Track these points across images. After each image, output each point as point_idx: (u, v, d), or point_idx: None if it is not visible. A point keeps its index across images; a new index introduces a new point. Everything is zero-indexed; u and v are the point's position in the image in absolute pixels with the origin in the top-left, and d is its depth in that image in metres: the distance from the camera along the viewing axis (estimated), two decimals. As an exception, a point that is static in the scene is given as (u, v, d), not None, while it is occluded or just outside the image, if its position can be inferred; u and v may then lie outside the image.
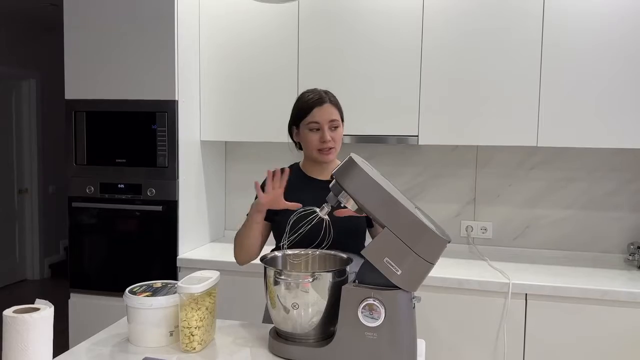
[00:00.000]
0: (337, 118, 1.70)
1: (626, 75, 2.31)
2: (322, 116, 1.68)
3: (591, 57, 2.33)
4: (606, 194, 2.65)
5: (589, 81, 2.34)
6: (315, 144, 1.69)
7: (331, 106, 1.70)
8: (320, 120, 1.68)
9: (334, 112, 1.70)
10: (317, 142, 1.68)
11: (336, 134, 1.70)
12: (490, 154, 2.76)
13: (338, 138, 1.71)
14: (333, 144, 1.69)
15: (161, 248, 2.56)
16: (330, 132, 1.69)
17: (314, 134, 1.69)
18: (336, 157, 1.76)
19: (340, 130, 1.72)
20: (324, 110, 1.68)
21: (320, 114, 1.68)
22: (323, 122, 1.68)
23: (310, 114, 1.68)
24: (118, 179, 2.59)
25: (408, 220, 1.29)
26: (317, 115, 1.68)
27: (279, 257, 1.53)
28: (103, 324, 1.64)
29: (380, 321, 1.28)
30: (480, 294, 2.23)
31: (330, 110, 1.69)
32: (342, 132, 1.75)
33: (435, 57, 2.47)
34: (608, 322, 2.14)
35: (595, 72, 2.33)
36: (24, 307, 1.08)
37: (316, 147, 1.69)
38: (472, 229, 2.79)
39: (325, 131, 1.67)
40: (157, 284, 1.54)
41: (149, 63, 2.52)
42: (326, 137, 1.67)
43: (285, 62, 2.63)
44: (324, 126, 1.68)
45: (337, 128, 1.71)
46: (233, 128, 2.72)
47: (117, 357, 1.36)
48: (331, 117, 1.69)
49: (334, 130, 1.70)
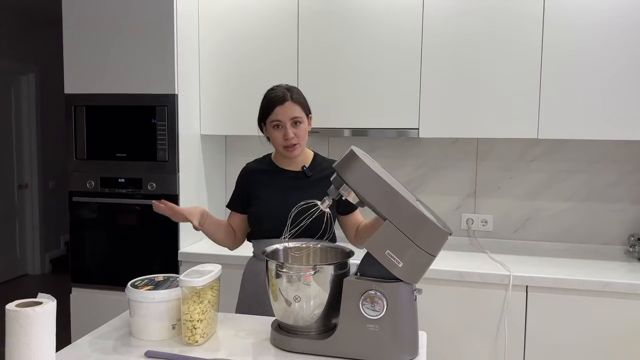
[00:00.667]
0: (299, 115, 1.76)
1: (627, 67, 2.30)
2: (284, 114, 1.74)
3: (592, 49, 2.32)
4: (607, 186, 2.65)
5: (590, 73, 2.33)
6: (279, 141, 1.77)
7: (293, 104, 1.76)
8: (282, 119, 1.74)
9: (296, 109, 1.76)
10: (280, 139, 1.76)
11: (299, 130, 1.76)
12: (490, 146, 2.76)
13: (301, 134, 1.78)
14: (297, 140, 1.76)
15: (162, 242, 2.57)
16: (293, 128, 1.75)
17: (278, 131, 1.76)
18: (304, 148, 1.84)
19: (304, 127, 1.79)
20: (286, 108, 1.74)
21: (283, 112, 1.74)
22: (285, 120, 1.74)
23: (272, 113, 1.75)
24: (118, 173, 2.58)
25: (409, 212, 1.29)
26: (279, 113, 1.74)
27: (281, 250, 1.53)
28: (105, 318, 1.64)
29: (382, 313, 1.29)
30: (481, 286, 2.24)
31: (293, 108, 1.75)
32: (308, 127, 1.83)
33: (436, 51, 2.47)
34: (608, 313, 2.14)
35: (596, 64, 2.32)
36: (26, 301, 1.09)
37: (281, 145, 1.77)
38: (472, 222, 2.79)
39: (288, 129, 1.74)
40: (158, 278, 1.55)
41: (148, 57, 2.51)
42: (288, 135, 1.74)
43: (285, 56, 2.62)
44: (286, 124, 1.74)
45: (300, 124, 1.77)
46: (233, 122, 2.72)
47: (120, 350, 1.36)
48: (293, 114, 1.75)
49: (297, 127, 1.76)
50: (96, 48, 2.56)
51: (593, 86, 2.33)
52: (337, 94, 2.58)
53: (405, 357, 1.31)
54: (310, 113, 1.85)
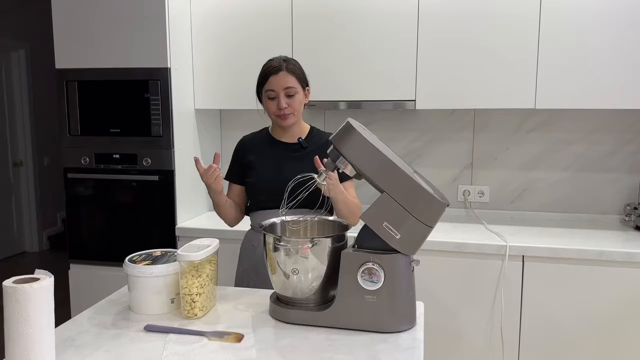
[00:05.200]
0: (293, 85, 1.78)
1: (625, 35, 2.27)
2: (278, 84, 1.76)
3: (590, 18, 2.29)
4: (603, 156, 2.65)
5: (588, 42, 2.30)
6: (272, 110, 1.80)
7: (287, 74, 1.77)
8: (276, 88, 1.77)
9: (290, 79, 1.77)
10: (274, 108, 1.79)
11: (293, 101, 1.78)
12: (487, 117, 2.74)
13: (296, 104, 1.79)
14: (290, 110, 1.78)
15: (159, 218, 2.56)
16: (286, 99, 1.77)
17: (272, 101, 1.79)
18: (300, 119, 1.85)
19: (298, 97, 1.80)
20: (280, 78, 1.76)
21: (276, 82, 1.76)
22: (278, 90, 1.77)
23: (267, 82, 1.78)
24: (113, 149, 2.56)
25: (407, 184, 1.29)
26: (273, 83, 1.77)
27: (278, 224, 1.53)
28: (104, 293, 1.65)
29: (380, 284, 1.29)
30: (477, 257, 2.25)
31: (286, 79, 1.77)
32: (304, 99, 1.83)
33: (432, 21, 2.43)
34: (604, 282, 2.16)
35: (594, 33, 2.29)
36: (23, 277, 1.08)
37: (274, 114, 1.80)
38: (469, 193, 2.79)
39: (281, 98, 1.77)
40: (156, 253, 1.55)
41: (139, 30, 2.46)
42: (281, 104, 1.76)
43: (279, 27, 2.58)
44: (280, 93, 1.77)
45: (294, 95, 1.78)
46: (227, 96, 2.69)
47: (119, 324, 1.37)
48: (286, 84, 1.77)
49: (291, 97, 1.78)
50: (86, 21, 2.51)
51: (591, 55, 2.31)
52: (333, 65, 2.54)
53: (402, 326, 1.33)
54: (307, 86, 1.85)
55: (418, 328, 1.35)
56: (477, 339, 2.30)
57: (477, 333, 2.29)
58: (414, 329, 1.34)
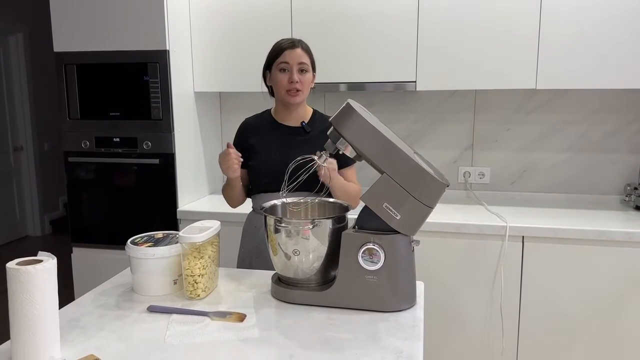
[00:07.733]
0: (306, 62, 1.80)
1: (626, 15, 2.25)
2: (292, 58, 1.78)
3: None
4: (604, 136, 2.65)
5: (589, 22, 2.28)
6: (283, 83, 1.79)
7: (302, 51, 1.80)
8: (290, 61, 1.78)
9: (304, 56, 1.80)
10: (285, 82, 1.78)
11: (304, 78, 1.80)
12: (488, 98, 2.73)
13: (306, 82, 1.81)
14: (301, 86, 1.79)
15: (160, 201, 2.57)
16: (299, 74, 1.79)
17: (284, 74, 1.79)
18: (305, 101, 1.86)
19: (308, 76, 1.82)
20: (295, 53, 1.79)
21: (291, 56, 1.78)
22: (292, 63, 1.78)
23: (281, 55, 1.79)
24: (113, 132, 2.56)
25: (407, 165, 1.29)
26: (287, 56, 1.78)
27: (279, 205, 1.54)
28: (107, 276, 1.66)
29: (380, 265, 1.30)
30: (478, 237, 2.26)
31: (301, 54, 1.79)
32: (312, 79, 1.85)
33: (433, 1, 2.41)
34: (604, 262, 2.18)
35: (596, 12, 2.27)
36: (27, 259, 1.09)
37: (284, 88, 1.79)
38: (469, 175, 2.80)
39: (294, 72, 1.78)
40: (158, 235, 1.56)
41: (137, 11, 2.44)
42: (294, 78, 1.77)
43: (279, 9, 2.55)
44: (293, 67, 1.78)
45: (306, 72, 1.80)
46: (226, 79, 2.67)
47: (123, 305, 1.38)
48: (300, 59, 1.79)
49: (303, 74, 1.80)
50: (84, 3, 2.49)
51: (592, 35, 2.29)
52: (332, 47, 2.53)
53: (403, 306, 1.34)
54: (315, 71, 1.86)
55: (418, 307, 1.36)
56: (477, 319, 2.32)
57: (476, 313, 2.32)
58: (414, 308, 1.35)
